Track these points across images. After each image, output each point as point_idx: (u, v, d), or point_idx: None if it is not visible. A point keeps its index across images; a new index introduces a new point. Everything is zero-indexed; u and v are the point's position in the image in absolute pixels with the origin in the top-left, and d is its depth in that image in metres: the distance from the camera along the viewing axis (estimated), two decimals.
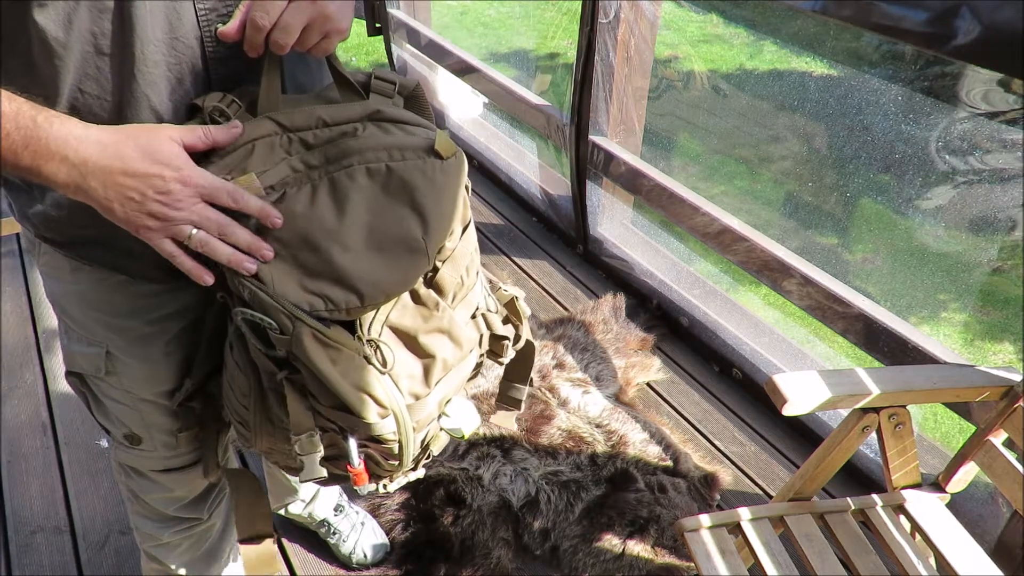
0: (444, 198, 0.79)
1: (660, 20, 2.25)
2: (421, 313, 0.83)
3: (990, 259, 3.35)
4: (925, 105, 3.89)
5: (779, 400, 1.20)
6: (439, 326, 0.84)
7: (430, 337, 0.84)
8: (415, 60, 3.42)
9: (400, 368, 0.83)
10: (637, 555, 1.67)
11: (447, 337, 0.85)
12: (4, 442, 1.99)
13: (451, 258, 0.82)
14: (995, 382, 1.29)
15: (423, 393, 0.85)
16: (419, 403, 0.85)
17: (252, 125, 0.77)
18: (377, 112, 0.79)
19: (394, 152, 0.77)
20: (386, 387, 0.81)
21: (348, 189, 0.76)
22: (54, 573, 1.69)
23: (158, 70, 0.77)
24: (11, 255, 2.67)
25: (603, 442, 1.94)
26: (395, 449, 0.85)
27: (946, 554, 1.25)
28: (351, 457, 0.83)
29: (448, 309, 0.84)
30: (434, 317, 0.83)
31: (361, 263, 0.76)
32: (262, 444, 0.92)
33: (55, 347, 2.29)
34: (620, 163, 2.35)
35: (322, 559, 1.69)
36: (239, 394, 0.88)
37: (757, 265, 1.98)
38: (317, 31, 0.77)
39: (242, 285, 0.76)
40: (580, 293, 2.55)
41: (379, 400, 0.80)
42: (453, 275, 0.83)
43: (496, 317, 0.93)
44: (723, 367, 2.21)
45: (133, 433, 1.06)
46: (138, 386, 1.01)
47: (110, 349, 0.98)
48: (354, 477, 0.85)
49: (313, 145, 0.77)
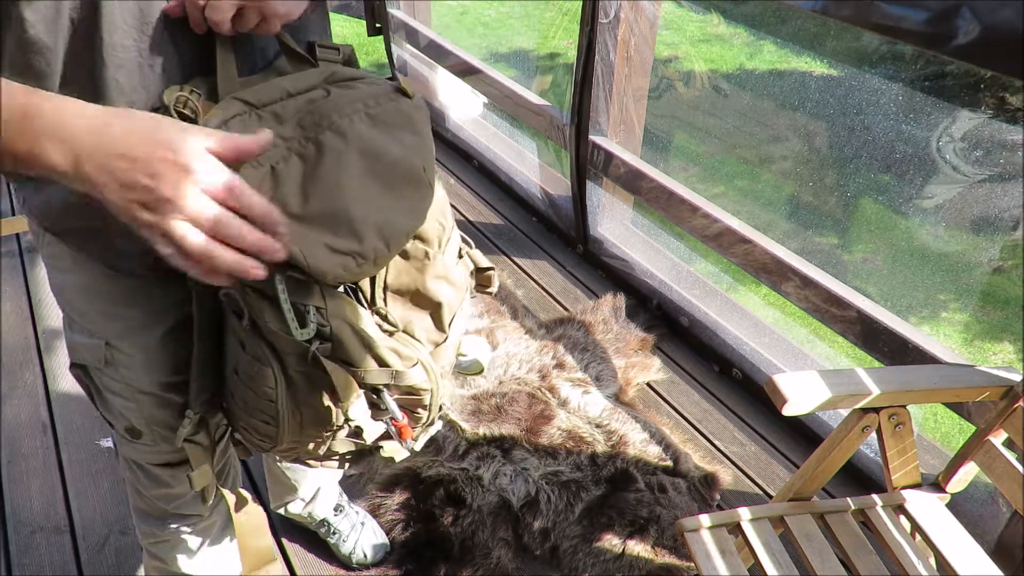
0: (427, 130, 0.82)
1: (660, 20, 2.25)
2: (415, 266, 0.86)
3: (990, 259, 3.35)
4: (925, 105, 3.90)
5: (779, 400, 1.20)
6: (436, 273, 0.88)
7: (431, 285, 0.87)
8: (415, 60, 3.42)
9: (413, 323, 0.87)
10: (637, 555, 1.67)
11: (445, 281, 0.89)
12: (4, 442, 1.99)
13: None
14: (995, 382, 1.29)
15: (440, 339, 0.91)
16: (440, 349, 0.91)
17: (219, 108, 0.77)
18: (333, 74, 0.81)
19: (368, 101, 0.79)
20: (405, 342, 0.86)
21: (338, 144, 0.77)
22: (54, 573, 1.69)
23: (127, 54, 0.77)
24: (11, 255, 2.68)
25: (603, 442, 1.94)
26: (427, 399, 0.89)
27: (946, 554, 1.25)
28: (394, 411, 0.87)
29: (439, 255, 0.88)
30: (428, 267, 0.87)
31: (375, 208, 0.77)
32: (286, 440, 0.92)
33: (55, 347, 2.29)
34: (620, 163, 2.35)
35: (322, 559, 1.69)
36: (264, 388, 0.86)
37: (757, 266, 1.98)
38: (254, 12, 0.77)
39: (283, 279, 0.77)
40: (580, 293, 2.55)
41: (402, 353, 0.85)
42: (433, 223, 0.86)
43: (477, 252, 0.98)
44: (723, 367, 2.21)
45: (133, 426, 1.06)
46: (137, 377, 1.01)
47: (109, 340, 0.98)
48: (400, 431, 0.89)
49: (283, 117, 0.77)
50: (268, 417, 0.90)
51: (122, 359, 1.00)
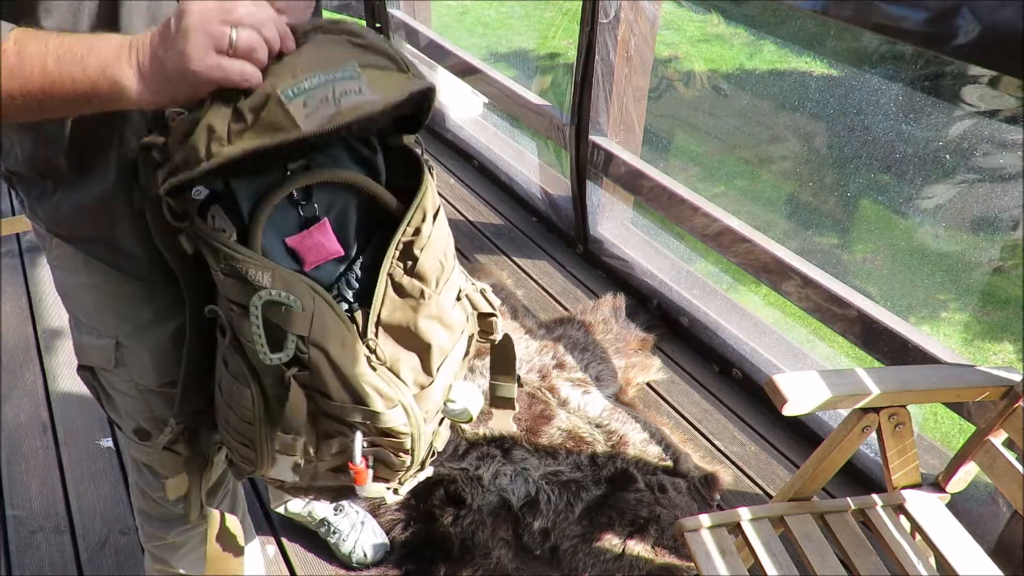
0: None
1: (660, 20, 2.25)
2: (409, 304, 0.83)
3: (990, 259, 3.35)
4: (925, 105, 3.90)
5: (779, 400, 1.21)
6: (429, 313, 0.85)
7: (423, 325, 0.84)
8: (415, 60, 3.41)
9: (400, 362, 0.84)
10: (637, 555, 1.67)
11: (438, 323, 0.86)
12: (4, 442, 1.99)
13: (428, 244, 0.82)
14: (995, 382, 1.29)
15: (426, 382, 0.87)
16: (425, 392, 0.86)
17: None
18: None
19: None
20: (389, 380, 0.83)
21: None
22: (54, 573, 1.69)
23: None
24: (11, 255, 2.67)
25: (603, 442, 1.94)
26: (407, 443, 0.86)
27: (946, 554, 1.25)
28: (354, 454, 0.83)
29: (434, 295, 0.85)
30: (422, 306, 0.84)
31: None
32: (268, 464, 0.91)
33: (55, 347, 2.29)
34: (620, 163, 2.35)
35: (322, 559, 1.69)
36: (242, 410, 0.87)
37: (757, 265, 1.98)
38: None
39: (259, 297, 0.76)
40: (580, 293, 2.55)
41: (384, 392, 0.82)
42: (432, 261, 0.84)
43: (478, 295, 0.95)
44: (723, 367, 2.21)
45: (141, 427, 1.07)
46: (147, 377, 1.01)
47: (120, 339, 0.98)
48: (354, 475, 0.85)
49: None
50: (246, 440, 0.89)
51: (131, 359, 1.00)
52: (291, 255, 0.81)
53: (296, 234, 0.81)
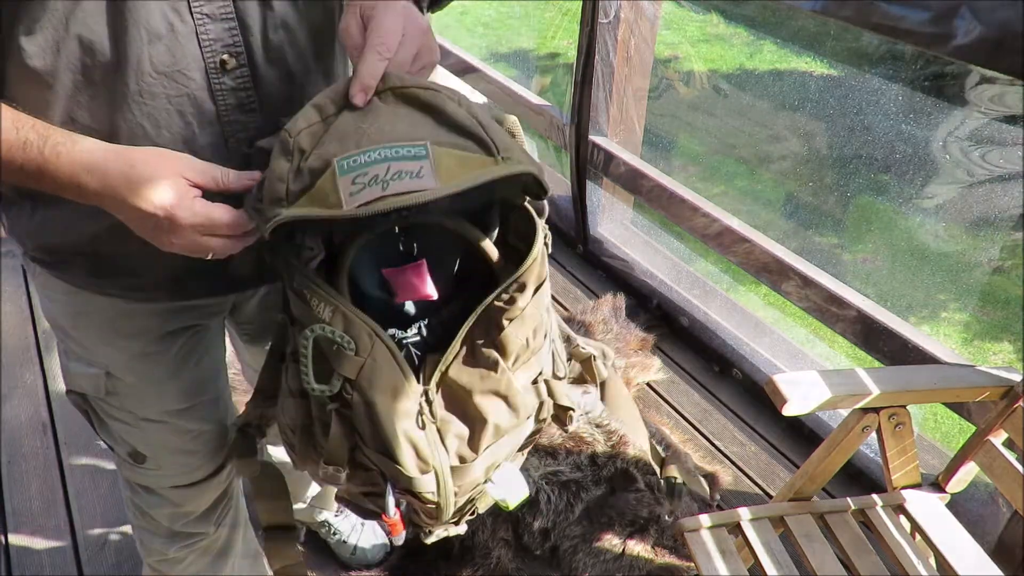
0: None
1: (660, 20, 2.25)
2: (479, 372, 0.76)
3: (990, 259, 3.35)
4: (925, 105, 3.90)
5: (779, 400, 1.21)
6: (495, 388, 0.76)
7: (484, 399, 0.76)
8: None
9: (448, 427, 0.77)
10: (637, 555, 1.67)
11: (503, 401, 0.77)
12: (4, 442, 1.99)
13: (520, 317, 0.75)
14: (995, 382, 1.29)
15: (469, 457, 0.78)
16: (464, 467, 0.78)
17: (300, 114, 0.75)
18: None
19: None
20: (432, 441, 0.75)
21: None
22: (54, 573, 1.69)
23: (156, 102, 0.77)
24: (11, 255, 2.67)
25: (603, 442, 1.94)
26: (433, 511, 0.79)
27: (946, 554, 1.25)
28: (387, 507, 0.78)
29: (507, 371, 0.76)
30: (491, 378, 0.76)
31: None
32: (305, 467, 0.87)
33: (55, 347, 2.28)
34: (620, 163, 2.35)
35: (322, 559, 1.69)
36: (288, 418, 0.84)
37: (757, 265, 1.98)
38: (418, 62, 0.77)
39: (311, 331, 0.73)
40: (580, 293, 2.55)
41: (422, 453, 0.74)
42: (519, 336, 0.75)
43: (562, 385, 0.85)
44: (723, 367, 2.21)
45: (137, 451, 1.04)
46: (142, 406, 0.99)
47: (110, 370, 0.96)
48: (389, 527, 0.81)
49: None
50: (289, 442, 0.87)
51: (124, 389, 0.98)
52: (383, 284, 0.79)
53: (393, 267, 0.78)
